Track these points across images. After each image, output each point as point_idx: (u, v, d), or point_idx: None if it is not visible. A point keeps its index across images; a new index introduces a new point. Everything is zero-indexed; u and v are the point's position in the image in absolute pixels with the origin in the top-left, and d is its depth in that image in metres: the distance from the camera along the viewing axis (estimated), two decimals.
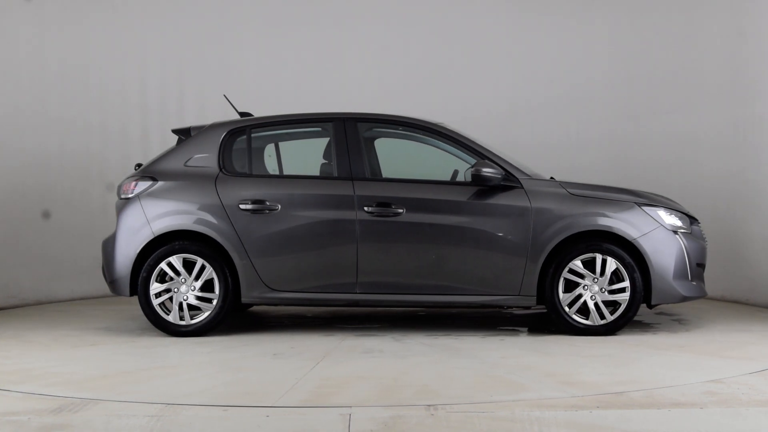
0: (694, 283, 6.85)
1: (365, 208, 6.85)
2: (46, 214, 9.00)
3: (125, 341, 6.92)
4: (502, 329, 7.18)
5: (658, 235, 6.73)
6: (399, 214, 6.84)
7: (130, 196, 7.14)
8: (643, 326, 7.24)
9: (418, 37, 10.07)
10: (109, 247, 7.14)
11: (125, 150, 9.49)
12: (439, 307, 7.14)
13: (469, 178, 6.84)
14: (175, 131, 7.57)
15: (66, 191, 9.15)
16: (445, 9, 10.06)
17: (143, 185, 7.11)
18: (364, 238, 6.84)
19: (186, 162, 7.16)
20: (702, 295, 6.94)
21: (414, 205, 6.85)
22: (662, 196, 7.16)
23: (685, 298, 6.79)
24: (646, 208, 6.79)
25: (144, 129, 9.62)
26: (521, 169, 6.96)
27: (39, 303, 8.86)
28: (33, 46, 8.94)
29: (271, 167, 7.42)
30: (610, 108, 9.56)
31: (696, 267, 6.85)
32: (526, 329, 7.21)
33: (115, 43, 9.43)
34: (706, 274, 7.18)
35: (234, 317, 8.05)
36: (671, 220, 6.80)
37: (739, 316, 7.89)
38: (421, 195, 6.88)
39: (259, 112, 7.92)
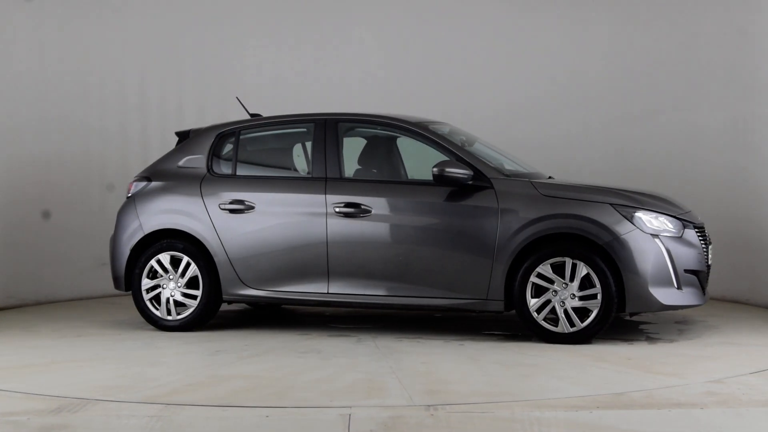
0: (683, 291, 6.42)
1: (335, 209, 6.85)
2: (46, 214, 8.99)
3: (108, 334, 7.19)
4: (486, 334, 6.96)
5: (633, 239, 6.33)
6: (367, 215, 6.78)
7: (128, 195, 7.53)
8: (634, 333, 6.95)
9: (419, 36, 10.07)
10: (111, 244, 7.50)
11: (125, 150, 9.48)
12: (406, 309, 7.01)
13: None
14: (177, 134, 7.78)
15: (66, 191, 9.14)
16: (446, 9, 10.05)
17: (139, 186, 7.49)
18: (334, 239, 6.84)
19: (179, 163, 7.45)
20: (696, 304, 6.54)
21: (382, 205, 6.78)
22: (658, 198, 6.84)
23: (666, 307, 6.39)
24: (622, 210, 6.42)
25: (143, 129, 9.61)
26: (499, 169, 6.76)
27: (38, 303, 8.86)
28: (33, 47, 8.93)
29: (301, 167, 7.46)
30: (610, 107, 9.54)
31: (685, 274, 6.43)
32: (506, 335, 6.94)
33: (115, 44, 9.42)
34: (712, 276, 6.94)
35: (264, 313, 8.21)
36: (654, 223, 6.43)
37: (753, 324, 7.41)
38: (390, 196, 6.81)
39: (260, 112, 7.93)
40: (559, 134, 9.67)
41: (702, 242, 6.68)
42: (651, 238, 6.37)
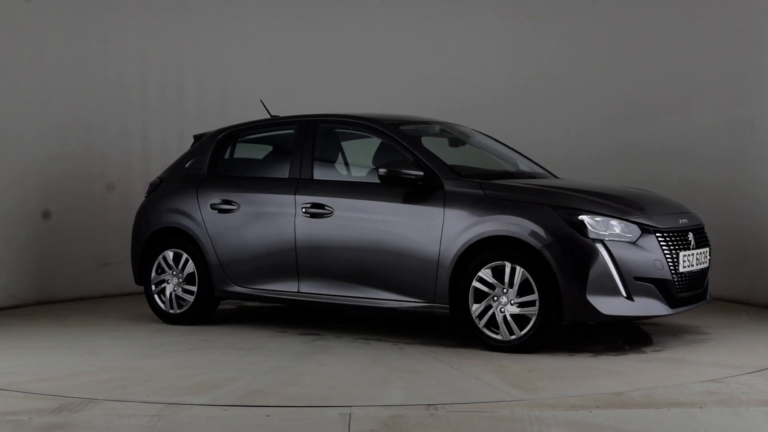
0: (635, 300, 6.01)
1: (302, 209, 6.88)
2: (46, 214, 9.00)
3: (99, 326, 7.61)
4: (455, 339, 6.71)
5: (571, 244, 5.97)
6: (330, 215, 6.78)
7: (145, 196, 7.95)
8: (603, 344, 6.56)
9: (420, 36, 10.08)
10: (131, 242, 7.91)
11: (125, 150, 9.49)
12: (366, 311, 6.96)
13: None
14: (195, 137, 8.08)
15: (66, 191, 9.14)
16: (447, 9, 10.06)
17: (153, 186, 7.89)
18: (302, 239, 6.89)
19: (187, 165, 7.76)
20: (654, 315, 6.15)
21: (343, 206, 6.74)
22: (620, 200, 6.33)
23: (610, 317, 5.98)
24: (563, 213, 6.04)
25: (144, 129, 9.62)
26: (456, 169, 6.54)
27: (39, 303, 8.87)
28: (33, 46, 8.93)
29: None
30: (610, 106, 9.55)
31: (636, 282, 6.01)
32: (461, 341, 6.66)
33: (115, 43, 9.42)
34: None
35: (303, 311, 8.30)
36: (599, 227, 6.01)
37: (745, 337, 6.79)
38: (351, 197, 6.74)
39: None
40: (559, 134, 9.69)
41: (667, 248, 6.20)
42: (592, 243, 5.97)
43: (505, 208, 6.19)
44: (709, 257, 6.72)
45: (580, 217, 6.04)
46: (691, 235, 6.47)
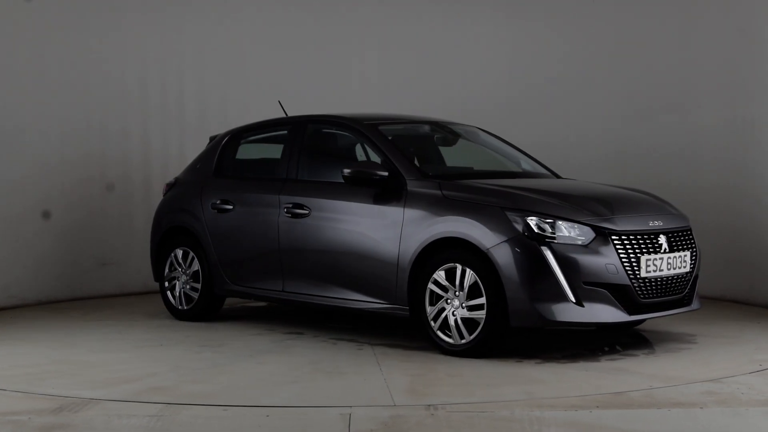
0: (583, 306, 5.73)
1: (285, 209, 6.93)
2: (46, 214, 8.99)
3: (96, 321, 7.59)
4: (423, 342, 6.50)
5: (514, 246, 5.76)
6: (307, 216, 6.79)
7: (162, 195, 8.14)
8: (567, 347, 6.34)
9: (419, 36, 10.08)
10: (150, 241, 8.13)
11: (125, 150, 9.48)
12: (340, 311, 6.97)
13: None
14: (210, 138, 8.21)
15: (66, 191, 9.13)
16: (446, 9, 10.06)
17: (170, 186, 8.08)
18: (284, 238, 6.95)
19: (197, 166, 7.93)
20: (607, 321, 5.85)
21: (319, 207, 6.74)
22: (583, 200, 6.10)
23: (556, 323, 5.75)
24: (511, 214, 5.83)
25: (144, 129, 9.60)
26: (424, 170, 6.50)
27: (39, 303, 8.86)
28: (33, 46, 8.92)
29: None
30: (610, 107, 9.54)
31: (586, 287, 5.73)
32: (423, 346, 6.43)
33: (114, 43, 9.41)
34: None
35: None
36: (547, 229, 5.78)
37: (732, 341, 6.54)
38: (327, 197, 6.73)
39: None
40: (559, 134, 9.68)
41: (624, 252, 5.89)
42: (537, 245, 5.75)
43: (458, 209, 6.05)
44: (691, 261, 6.32)
45: (527, 219, 5.84)
46: (663, 238, 6.11)
